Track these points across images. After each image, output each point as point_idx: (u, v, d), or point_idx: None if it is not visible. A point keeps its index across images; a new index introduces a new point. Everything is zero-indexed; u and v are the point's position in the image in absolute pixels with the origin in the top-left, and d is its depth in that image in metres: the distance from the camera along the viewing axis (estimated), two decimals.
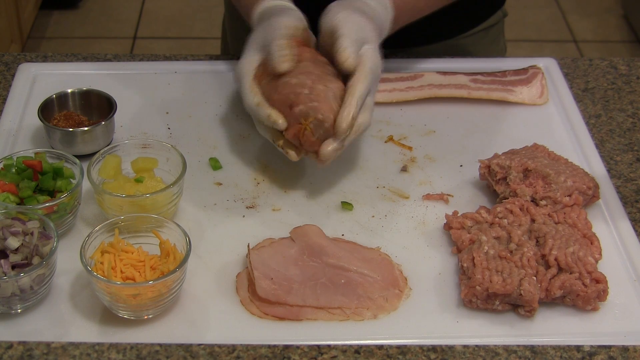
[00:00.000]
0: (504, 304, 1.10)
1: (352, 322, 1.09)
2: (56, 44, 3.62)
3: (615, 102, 1.49)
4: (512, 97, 1.46)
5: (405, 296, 1.13)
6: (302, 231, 1.18)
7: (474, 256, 1.12)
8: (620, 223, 1.24)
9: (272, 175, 1.31)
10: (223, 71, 1.52)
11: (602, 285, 1.10)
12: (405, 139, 1.39)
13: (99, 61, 1.54)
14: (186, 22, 3.81)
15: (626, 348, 1.07)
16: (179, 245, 1.10)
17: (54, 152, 1.24)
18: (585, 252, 1.12)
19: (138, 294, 1.04)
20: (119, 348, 1.05)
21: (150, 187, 1.20)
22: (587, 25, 3.87)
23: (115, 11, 3.86)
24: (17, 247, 1.07)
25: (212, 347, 1.05)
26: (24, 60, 1.53)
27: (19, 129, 1.37)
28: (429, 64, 1.53)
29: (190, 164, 1.26)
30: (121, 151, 1.24)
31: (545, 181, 1.22)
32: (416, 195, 1.28)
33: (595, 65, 1.58)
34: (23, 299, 1.07)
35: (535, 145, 1.31)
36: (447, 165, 1.34)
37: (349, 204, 1.26)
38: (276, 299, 1.09)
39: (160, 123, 1.41)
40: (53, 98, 1.35)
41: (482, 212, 1.19)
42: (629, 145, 1.39)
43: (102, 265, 1.07)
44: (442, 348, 1.06)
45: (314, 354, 1.05)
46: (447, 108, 1.45)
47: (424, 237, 1.22)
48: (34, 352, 1.04)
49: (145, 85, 1.49)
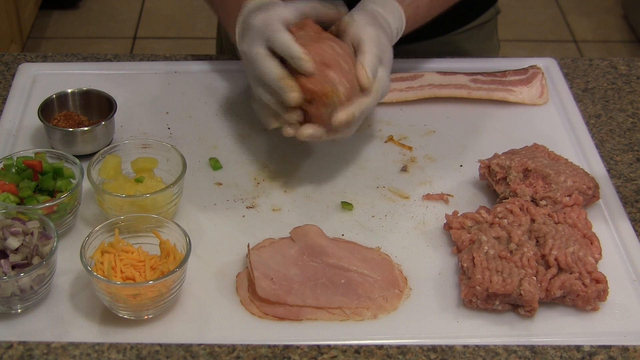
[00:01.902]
0: (504, 304, 1.10)
1: (352, 322, 1.09)
2: (56, 44, 3.62)
3: (615, 102, 1.49)
4: (512, 97, 1.46)
5: (405, 296, 1.13)
6: (302, 231, 1.18)
7: (474, 256, 1.12)
8: (620, 223, 1.24)
9: (272, 175, 1.31)
10: (223, 71, 1.52)
11: (602, 285, 1.10)
12: (405, 139, 1.39)
13: (99, 61, 1.54)
14: (186, 22, 3.81)
15: (626, 348, 1.07)
16: (179, 245, 1.10)
17: (54, 152, 1.24)
18: (585, 252, 1.12)
19: (138, 294, 1.04)
20: (119, 348, 1.05)
21: (150, 187, 1.20)
22: (587, 25, 3.87)
23: (115, 11, 3.86)
24: (17, 247, 1.07)
25: (212, 347, 1.05)
26: (24, 60, 1.53)
27: (19, 129, 1.38)
28: (429, 64, 1.53)
29: (190, 164, 1.26)
30: (121, 151, 1.24)
31: (545, 181, 1.22)
32: (416, 195, 1.28)
33: (595, 65, 1.58)
34: (23, 299, 1.07)
35: (535, 145, 1.31)
36: (447, 165, 1.34)
37: (349, 204, 1.26)
38: (276, 299, 1.09)
39: (160, 123, 1.41)
40: (53, 98, 1.35)
41: (482, 212, 1.19)
42: (629, 145, 1.39)
43: (102, 265, 1.07)
44: (442, 348, 1.06)
45: (314, 354, 1.05)
46: (447, 108, 1.45)
47: (424, 237, 1.22)
48: (34, 352, 1.04)
49: (145, 85, 1.49)
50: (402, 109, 1.45)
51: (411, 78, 1.47)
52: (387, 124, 1.42)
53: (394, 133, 1.40)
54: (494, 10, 1.63)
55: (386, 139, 1.39)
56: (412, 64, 1.53)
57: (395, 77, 1.47)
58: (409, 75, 1.48)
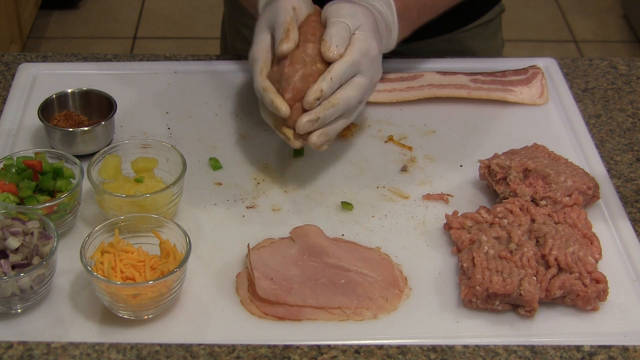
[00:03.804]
0: (504, 304, 1.10)
1: (352, 322, 1.09)
2: (56, 44, 3.62)
3: (615, 102, 1.49)
4: (512, 97, 1.46)
5: (405, 296, 1.13)
6: (302, 231, 1.18)
7: (474, 256, 1.12)
8: (620, 223, 1.24)
9: (272, 175, 1.31)
10: (223, 71, 1.52)
11: (602, 285, 1.10)
12: (405, 139, 1.39)
13: (99, 61, 1.54)
14: (186, 22, 3.81)
15: (626, 348, 1.07)
16: (179, 245, 1.10)
17: (54, 152, 1.24)
18: (585, 252, 1.12)
19: (138, 294, 1.04)
20: (119, 348, 1.05)
21: (150, 187, 1.20)
22: (587, 25, 3.87)
23: (115, 11, 3.86)
24: (17, 247, 1.07)
25: (212, 347, 1.05)
26: (24, 60, 1.53)
27: (19, 129, 1.38)
28: (429, 64, 1.53)
29: (190, 164, 1.26)
30: (121, 151, 1.24)
31: (545, 181, 1.22)
32: (416, 195, 1.28)
33: (595, 65, 1.58)
34: (23, 299, 1.07)
35: (535, 145, 1.31)
36: (447, 165, 1.34)
37: (349, 204, 1.26)
38: (276, 299, 1.09)
39: (160, 123, 1.41)
40: (53, 98, 1.35)
41: (482, 212, 1.19)
42: (629, 145, 1.39)
43: (102, 265, 1.07)
44: (442, 348, 1.06)
45: (314, 354, 1.05)
46: (447, 108, 1.45)
47: (424, 237, 1.22)
48: (34, 352, 1.04)
49: (145, 85, 1.49)
50: (402, 109, 1.45)
51: (411, 78, 1.47)
52: (387, 124, 1.42)
53: (394, 133, 1.40)
54: (498, 9, 1.63)
55: (386, 139, 1.39)
56: (412, 64, 1.53)
57: (395, 77, 1.48)
58: (409, 75, 1.48)
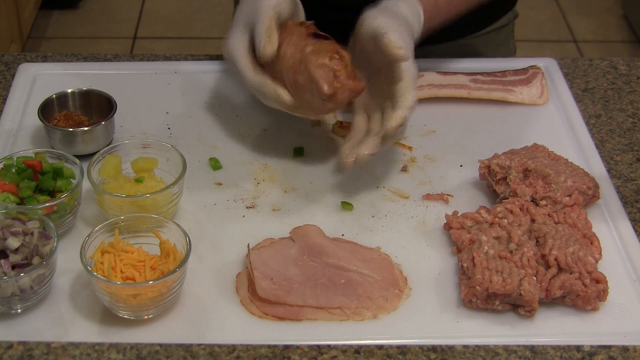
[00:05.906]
0: (504, 304, 1.10)
1: (352, 322, 1.09)
2: (56, 44, 3.62)
3: (615, 102, 1.49)
4: (512, 97, 1.46)
5: (405, 296, 1.13)
6: (302, 231, 1.18)
7: (474, 256, 1.12)
8: (620, 223, 1.24)
9: (272, 175, 1.31)
10: (223, 71, 1.52)
11: (602, 285, 1.10)
12: (405, 139, 1.39)
13: (99, 61, 1.54)
14: (186, 22, 3.81)
15: (626, 348, 1.07)
16: (179, 245, 1.10)
17: (54, 152, 1.24)
18: (585, 252, 1.12)
19: (138, 294, 1.04)
20: (119, 348, 1.05)
21: (150, 187, 1.20)
22: (587, 25, 3.87)
23: (115, 11, 3.86)
24: (17, 247, 1.07)
25: (212, 347, 1.05)
26: (24, 60, 1.53)
27: (19, 129, 1.38)
28: (429, 64, 1.53)
29: (190, 164, 1.26)
30: (121, 151, 1.24)
31: (545, 181, 1.22)
32: (416, 195, 1.28)
33: (595, 65, 1.58)
34: (23, 299, 1.07)
35: (535, 145, 1.31)
36: (447, 165, 1.34)
37: (349, 204, 1.26)
38: (276, 299, 1.09)
39: (160, 123, 1.41)
40: (53, 98, 1.35)
41: (482, 212, 1.19)
42: (629, 145, 1.39)
43: (102, 265, 1.07)
44: (442, 348, 1.06)
45: (314, 354, 1.05)
46: (447, 108, 1.45)
47: (424, 237, 1.22)
48: (34, 352, 1.04)
49: (145, 85, 1.49)
50: None
51: None
52: None
53: None
54: (512, 14, 1.62)
55: None
56: None
57: None
58: None
